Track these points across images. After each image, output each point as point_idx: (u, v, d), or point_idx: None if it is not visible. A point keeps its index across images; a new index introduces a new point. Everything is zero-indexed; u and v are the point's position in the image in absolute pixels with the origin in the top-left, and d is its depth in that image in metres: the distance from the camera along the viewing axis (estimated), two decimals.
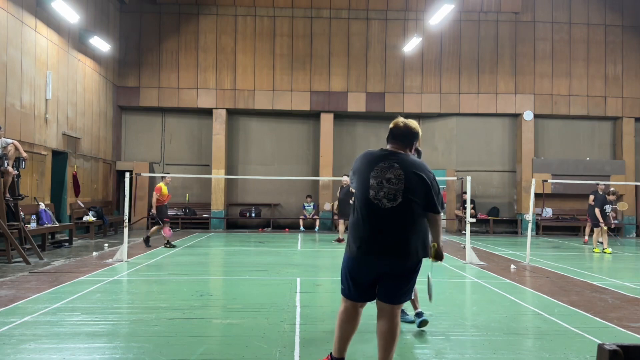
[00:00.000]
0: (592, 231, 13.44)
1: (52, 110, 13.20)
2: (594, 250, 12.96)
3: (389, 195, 3.43)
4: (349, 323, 3.65)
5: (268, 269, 9.05)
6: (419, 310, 5.18)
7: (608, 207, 13.07)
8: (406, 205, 3.42)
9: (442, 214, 3.59)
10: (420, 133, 3.74)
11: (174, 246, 12.14)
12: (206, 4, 18.20)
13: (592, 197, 13.60)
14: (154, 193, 12.08)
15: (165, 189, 12.14)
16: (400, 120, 3.71)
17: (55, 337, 4.66)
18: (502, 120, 19.00)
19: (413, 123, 3.71)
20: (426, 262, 3.70)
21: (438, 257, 3.64)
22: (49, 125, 12.99)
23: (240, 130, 18.98)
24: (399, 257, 3.42)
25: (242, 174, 18.57)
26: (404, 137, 3.66)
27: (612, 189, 13.46)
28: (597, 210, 12.96)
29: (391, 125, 3.71)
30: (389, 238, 3.41)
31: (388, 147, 3.68)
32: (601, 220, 12.84)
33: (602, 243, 13.13)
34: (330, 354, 3.78)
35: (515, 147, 18.94)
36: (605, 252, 12.69)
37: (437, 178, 3.60)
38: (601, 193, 13.42)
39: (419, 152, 5.12)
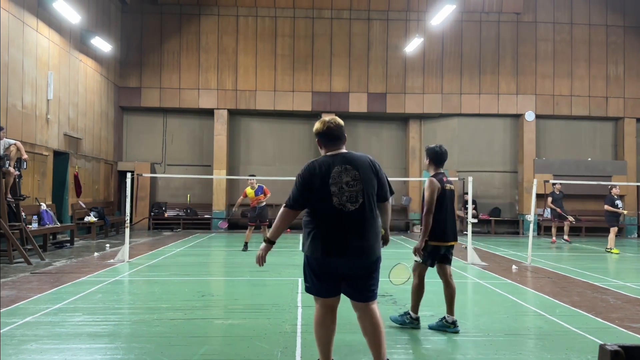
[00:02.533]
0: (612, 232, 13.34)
1: (54, 111, 13.22)
2: (612, 250, 12.73)
3: (351, 199, 3.51)
4: (333, 323, 3.66)
5: (269, 270, 9.04)
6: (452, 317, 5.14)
7: (619, 202, 13.19)
8: (367, 204, 3.54)
9: (390, 200, 3.78)
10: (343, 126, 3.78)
11: (246, 249, 12.07)
12: (207, 5, 18.21)
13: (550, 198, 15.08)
14: (241, 197, 12.20)
15: (251, 192, 12.12)
16: (329, 121, 3.70)
17: (56, 338, 4.66)
18: (503, 121, 18.98)
19: (339, 120, 3.75)
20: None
21: (385, 241, 3.88)
22: (50, 125, 13.01)
23: (242, 131, 18.99)
24: (363, 257, 3.51)
25: (244, 175, 18.56)
26: (341, 136, 3.70)
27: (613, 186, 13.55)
28: (607, 207, 13.20)
29: (321, 128, 3.68)
30: (354, 240, 3.48)
31: (329, 151, 3.67)
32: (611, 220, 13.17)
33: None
34: None
35: (516, 148, 18.92)
36: (612, 252, 12.71)
37: None
38: (558, 193, 15.00)
39: (440, 155, 5.27)
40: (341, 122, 3.75)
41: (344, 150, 3.70)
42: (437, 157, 5.26)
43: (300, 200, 3.58)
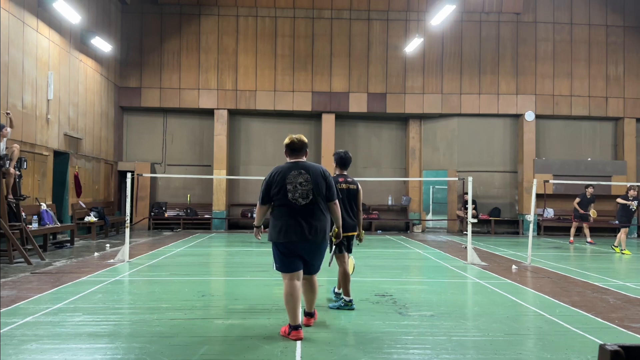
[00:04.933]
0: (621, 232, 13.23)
1: (54, 111, 13.22)
2: (624, 252, 12.63)
3: (302, 195, 4.69)
4: (293, 296, 4.70)
5: (269, 270, 9.02)
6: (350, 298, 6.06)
7: (633, 205, 13.10)
8: (315, 201, 4.71)
9: (337, 201, 4.94)
10: (306, 142, 4.95)
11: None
12: (207, 5, 18.22)
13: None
14: None
15: None
16: (294, 137, 4.92)
17: (56, 338, 4.66)
18: (503, 121, 18.99)
19: (303, 137, 4.94)
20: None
21: (337, 237, 5.16)
22: (50, 125, 13.01)
23: (242, 131, 19.00)
24: (311, 240, 4.68)
25: (244, 175, 18.58)
26: (301, 149, 4.91)
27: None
28: (619, 200, 13.25)
29: (287, 142, 4.91)
30: (304, 227, 4.66)
31: (291, 159, 4.88)
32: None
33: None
34: (289, 324, 4.74)
35: (516, 148, 18.93)
36: (616, 250, 12.70)
37: (438, 178, 3.79)
38: (589, 197, 14.90)
39: (343, 159, 6.19)
40: (304, 139, 4.93)
41: (302, 159, 4.90)
42: (341, 161, 6.15)
43: (266, 196, 4.79)
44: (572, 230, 15.49)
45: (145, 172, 17.10)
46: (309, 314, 5.19)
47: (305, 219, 4.66)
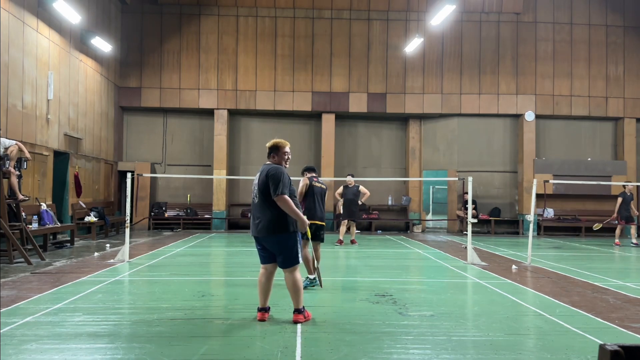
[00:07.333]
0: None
1: (54, 111, 13.22)
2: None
3: (255, 194, 5.31)
4: (267, 281, 5.41)
5: None
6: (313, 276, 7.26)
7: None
8: (261, 198, 5.23)
9: (285, 195, 5.09)
10: (276, 145, 5.42)
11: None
12: (207, 5, 18.22)
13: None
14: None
15: None
16: (271, 142, 5.49)
17: (56, 338, 4.66)
18: (503, 121, 18.99)
19: (275, 140, 5.47)
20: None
21: (302, 229, 5.38)
22: (50, 125, 13.01)
23: (242, 131, 18.99)
24: (264, 234, 5.19)
25: (244, 175, 18.56)
26: (269, 154, 5.49)
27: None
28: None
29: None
30: (254, 221, 5.29)
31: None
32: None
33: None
34: (258, 307, 5.46)
35: (516, 148, 18.92)
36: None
37: (438, 178, 3.78)
38: (629, 194, 14.96)
39: (307, 167, 7.87)
40: (273, 142, 5.46)
41: (269, 162, 5.45)
42: (306, 168, 7.87)
43: None
44: (618, 232, 15.02)
45: (145, 172, 17.09)
46: (296, 311, 5.34)
47: (255, 215, 5.29)
